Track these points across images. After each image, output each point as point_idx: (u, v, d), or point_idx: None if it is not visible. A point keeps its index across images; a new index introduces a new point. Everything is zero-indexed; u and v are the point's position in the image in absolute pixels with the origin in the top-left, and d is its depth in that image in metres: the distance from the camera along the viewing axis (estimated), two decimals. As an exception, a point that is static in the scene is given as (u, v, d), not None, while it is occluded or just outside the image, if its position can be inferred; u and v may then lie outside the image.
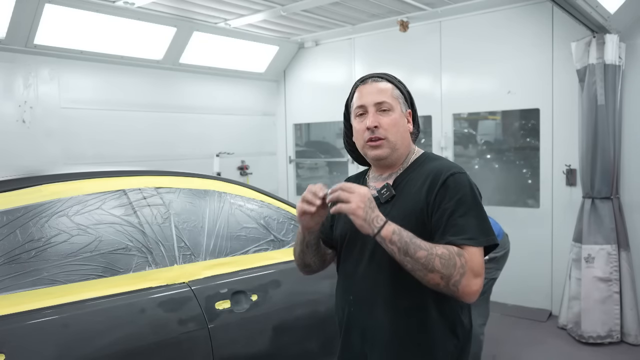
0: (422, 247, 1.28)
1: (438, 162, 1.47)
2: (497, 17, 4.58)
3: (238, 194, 2.56)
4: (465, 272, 1.28)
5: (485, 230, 1.34)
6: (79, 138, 4.44)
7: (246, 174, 5.88)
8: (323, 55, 5.87)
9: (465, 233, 1.32)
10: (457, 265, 1.27)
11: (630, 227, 3.95)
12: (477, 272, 1.30)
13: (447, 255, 1.28)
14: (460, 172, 1.40)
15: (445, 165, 1.44)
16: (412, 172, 1.47)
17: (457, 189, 1.36)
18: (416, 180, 1.43)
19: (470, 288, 1.29)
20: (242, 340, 2.18)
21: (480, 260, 1.31)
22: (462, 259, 1.28)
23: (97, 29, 4.27)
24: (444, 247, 1.30)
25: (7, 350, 1.59)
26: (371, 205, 1.30)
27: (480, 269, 1.31)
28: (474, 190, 1.38)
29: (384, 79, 1.52)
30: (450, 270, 1.27)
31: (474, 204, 1.36)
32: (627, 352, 3.71)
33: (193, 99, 5.36)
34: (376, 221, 1.29)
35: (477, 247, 1.32)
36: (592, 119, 3.84)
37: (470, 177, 1.45)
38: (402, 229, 1.31)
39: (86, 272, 1.87)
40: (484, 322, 3.07)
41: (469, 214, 1.34)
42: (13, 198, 1.86)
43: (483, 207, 1.39)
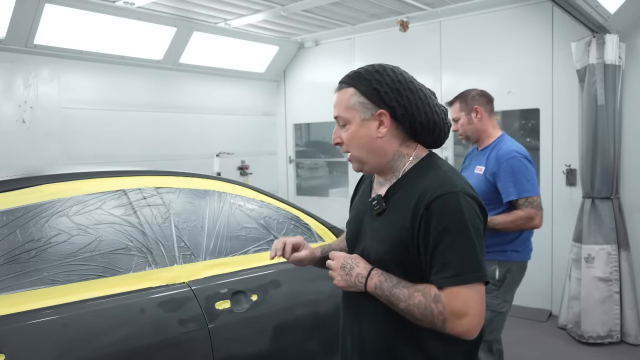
0: (401, 299, 1.24)
1: (432, 174, 1.29)
2: (497, 17, 4.58)
3: (238, 194, 2.56)
4: (446, 318, 1.19)
5: (472, 264, 1.19)
6: (79, 138, 4.44)
7: (246, 174, 5.88)
8: (323, 55, 5.87)
9: (447, 270, 1.19)
10: (434, 314, 1.20)
11: (630, 227, 3.95)
12: (461, 313, 1.18)
13: (424, 304, 1.21)
14: (450, 192, 1.22)
15: (436, 181, 1.26)
16: (407, 183, 1.32)
17: (443, 215, 1.20)
18: (409, 195, 1.27)
19: (456, 329, 1.20)
20: (242, 340, 2.18)
21: (466, 299, 1.18)
22: (438, 306, 1.19)
23: (97, 29, 4.27)
24: (422, 294, 1.21)
25: (7, 350, 1.59)
26: (349, 272, 1.32)
27: (465, 308, 1.18)
28: (463, 215, 1.20)
29: (345, 84, 1.35)
30: (429, 319, 1.21)
31: (462, 231, 1.20)
32: (627, 352, 3.71)
33: (193, 99, 5.36)
34: (358, 281, 1.30)
35: (462, 285, 1.19)
36: (592, 119, 3.84)
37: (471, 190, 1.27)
38: (385, 279, 1.27)
39: (86, 272, 1.87)
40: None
41: (454, 245, 1.19)
42: (13, 198, 1.86)
43: (475, 234, 1.21)
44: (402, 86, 1.31)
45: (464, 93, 2.64)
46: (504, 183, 2.43)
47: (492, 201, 2.47)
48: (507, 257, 2.52)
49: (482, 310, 1.21)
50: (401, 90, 1.30)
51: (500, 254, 2.51)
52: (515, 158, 2.44)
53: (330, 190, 6.37)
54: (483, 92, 2.64)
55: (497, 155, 2.49)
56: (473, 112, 2.58)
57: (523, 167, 2.43)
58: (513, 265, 2.53)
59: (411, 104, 1.30)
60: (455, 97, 2.66)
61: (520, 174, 2.42)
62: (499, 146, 2.53)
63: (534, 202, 2.41)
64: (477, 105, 2.58)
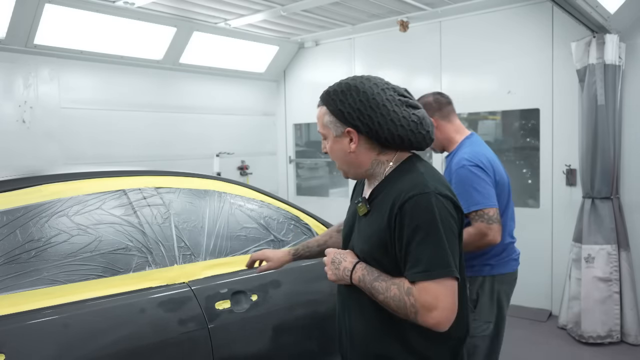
0: (380, 291, 1.33)
1: (408, 177, 1.36)
2: (497, 17, 4.59)
3: (238, 194, 2.56)
4: (417, 310, 1.27)
5: (440, 260, 1.26)
6: (79, 138, 4.44)
7: (246, 174, 5.88)
8: (323, 55, 5.87)
9: (417, 265, 1.27)
10: (407, 306, 1.28)
11: (630, 227, 3.95)
12: (431, 306, 1.25)
13: (398, 297, 1.29)
14: (422, 192, 1.30)
15: (410, 183, 1.33)
16: (388, 185, 1.40)
17: (415, 214, 1.28)
18: (388, 198, 1.36)
19: (427, 321, 1.27)
20: (242, 340, 2.18)
21: (436, 293, 1.25)
22: (410, 299, 1.27)
23: (97, 29, 4.27)
24: (397, 287, 1.30)
25: (7, 350, 1.59)
26: (338, 266, 1.44)
27: (434, 301, 1.25)
28: (434, 214, 1.27)
29: (320, 102, 1.46)
30: (403, 311, 1.29)
31: (432, 229, 1.27)
32: (627, 352, 3.71)
33: (193, 99, 5.36)
34: (345, 274, 1.42)
35: (431, 280, 1.26)
36: (592, 119, 3.84)
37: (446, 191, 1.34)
38: (367, 273, 1.37)
39: (86, 272, 1.87)
40: None
41: (425, 242, 1.27)
42: (13, 198, 1.86)
43: (444, 232, 1.27)
44: (363, 105, 1.37)
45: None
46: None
47: None
48: (477, 272, 2.22)
49: (453, 304, 1.28)
50: (362, 109, 1.37)
51: (469, 269, 2.15)
52: (465, 167, 2.15)
53: (330, 190, 6.37)
54: (434, 97, 2.37)
55: (451, 165, 2.25)
56: None
57: (472, 176, 2.13)
58: (486, 280, 2.21)
59: (373, 122, 1.37)
60: None
61: (469, 185, 2.12)
62: (457, 153, 2.28)
63: (484, 215, 2.09)
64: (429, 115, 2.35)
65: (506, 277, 2.26)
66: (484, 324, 2.21)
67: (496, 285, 2.22)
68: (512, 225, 2.35)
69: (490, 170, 2.19)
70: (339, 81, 1.46)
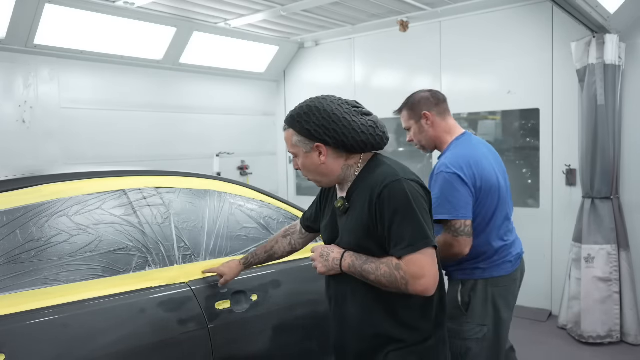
0: (370, 272, 1.51)
1: (379, 170, 1.57)
2: (497, 17, 4.59)
3: (238, 194, 2.56)
4: (407, 281, 1.46)
5: (421, 234, 1.46)
6: (79, 138, 4.44)
7: (246, 174, 5.88)
8: (323, 55, 5.87)
9: (402, 242, 1.47)
10: (397, 279, 1.47)
11: (630, 227, 3.95)
12: (419, 275, 1.45)
13: (389, 273, 1.48)
14: (394, 180, 1.50)
15: (382, 175, 1.53)
16: (361, 182, 1.59)
17: (391, 200, 1.48)
18: (364, 192, 1.55)
19: (417, 289, 1.47)
20: (242, 340, 2.18)
21: (421, 263, 1.45)
22: (400, 272, 1.46)
23: (97, 29, 4.27)
24: (386, 265, 1.49)
25: (7, 350, 1.59)
26: (327, 257, 1.61)
27: (421, 270, 1.45)
28: (407, 197, 1.48)
29: (286, 126, 1.64)
30: (395, 284, 1.48)
31: (408, 210, 1.47)
32: (627, 352, 3.71)
33: (193, 99, 5.36)
34: (335, 264, 1.59)
35: (415, 252, 1.45)
36: (592, 119, 3.84)
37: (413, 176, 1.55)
38: (356, 258, 1.55)
39: (86, 272, 1.87)
40: None
41: (404, 222, 1.47)
42: (13, 198, 1.86)
43: (418, 210, 1.47)
44: (326, 121, 1.56)
45: (410, 99, 2.30)
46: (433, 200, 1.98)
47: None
48: (469, 275, 2.16)
49: (436, 270, 1.50)
50: (327, 125, 1.56)
51: (461, 272, 2.17)
52: (442, 173, 2.08)
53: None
54: (431, 92, 2.29)
55: (434, 168, 2.17)
56: (422, 118, 2.24)
57: (447, 185, 2.05)
58: (478, 283, 2.14)
59: (338, 134, 1.56)
60: (402, 105, 2.32)
61: (443, 192, 2.05)
62: (443, 156, 2.21)
63: (452, 226, 2.03)
64: (424, 110, 2.23)
65: (501, 280, 2.18)
66: (477, 327, 2.14)
67: (490, 288, 2.15)
68: (508, 227, 2.24)
69: (471, 177, 2.09)
70: (299, 105, 1.63)
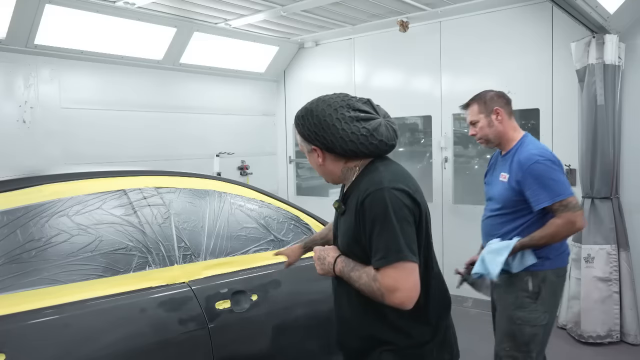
0: (355, 280, 1.53)
1: (369, 177, 1.56)
2: (497, 17, 4.59)
3: (238, 194, 2.56)
4: (383, 293, 1.45)
5: (395, 247, 1.43)
6: (79, 138, 4.45)
7: (246, 174, 5.88)
8: (323, 55, 5.87)
9: (377, 254, 1.46)
10: (374, 290, 1.47)
11: (630, 227, 3.95)
12: (393, 288, 1.43)
13: (367, 283, 1.48)
14: (377, 188, 1.48)
15: (368, 182, 1.53)
16: (355, 187, 1.59)
17: (371, 209, 1.47)
18: (354, 197, 1.57)
19: (393, 302, 1.45)
20: (242, 340, 2.18)
21: (395, 276, 1.43)
22: (376, 284, 1.46)
23: (97, 29, 4.27)
24: (366, 275, 1.49)
25: (8, 350, 1.59)
26: (323, 262, 1.65)
27: (395, 283, 1.43)
28: (386, 206, 1.45)
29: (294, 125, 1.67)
30: (373, 295, 1.48)
31: (385, 221, 1.45)
32: (627, 352, 3.71)
33: (193, 99, 5.37)
34: (329, 268, 1.63)
35: (388, 265, 1.43)
36: (591, 119, 3.84)
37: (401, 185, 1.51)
38: (345, 264, 1.57)
39: (86, 272, 1.87)
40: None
41: (381, 232, 1.45)
42: (13, 198, 1.86)
43: (397, 221, 1.44)
44: (317, 127, 1.57)
45: (482, 94, 2.47)
46: (532, 190, 2.25)
47: (521, 209, 2.32)
48: (540, 266, 2.32)
49: (413, 284, 1.45)
50: (317, 131, 1.57)
51: (531, 265, 2.32)
52: (539, 162, 2.26)
53: (330, 190, 6.36)
54: (502, 93, 2.48)
55: (520, 161, 2.32)
56: (493, 113, 2.40)
57: (548, 169, 2.25)
58: (548, 274, 2.32)
59: (327, 140, 1.56)
60: (472, 99, 2.49)
61: (547, 177, 2.24)
62: (521, 150, 2.37)
63: (569, 204, 2.21)
64: (497, 106, 2.41)
65: (562, 270, 2.39)
66: (542, 314, 2.33)
67: (555, 278, 2.35)
68: None
69: (559, 163, 2.33)
70: (303, 105, 1.65)
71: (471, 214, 4.80)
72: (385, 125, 1.58)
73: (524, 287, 2.33)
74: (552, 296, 2.36)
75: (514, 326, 2.34)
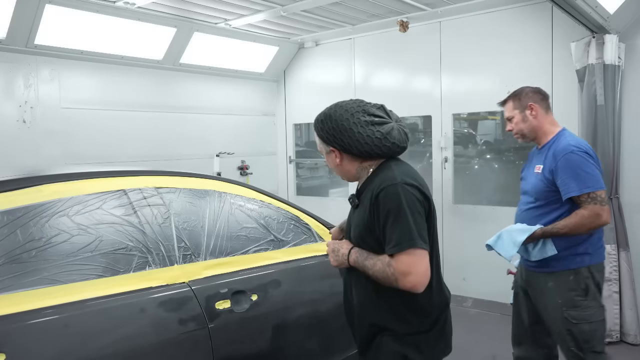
0: (369, 267, 1.67)
1: (382, 174, 1.71)
2: (497, 17, 4.59)
3: (238, 194, 2.56)
4: (397, 277, 1.59)
5: (408, 235, 1.58)
6: (79, 138, 4.45)
7: (246, 174, 5.88)
8: (323, 55, 5.88)
9: (391, 242, 1.60)
10: (388, 275, 1.60)
11: (630, 227, 3.95)
12: (406, 273, 1.58)
13: (382, 269, 1.62)
14: (390, 183, 1.64)
15: (383, 179, 1.68)
16: (369, 183, 1.75)
17: (385, 202, 1.62)
18: (367, 193, 1.72)
19: (406, 285, 1.59)
20: (242, 340, 2.18)
21: (408, 261, 1.58)
22: (390, 269, 1.60)
23: (97, 29, 4.27)
24: (380, 262, 1.63)
25: (8, 350, 1.60)
26: (337, 252, 1.80)
27: (408, 268, 1.58)
28: (400, 200, 1.60)
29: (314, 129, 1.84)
30: (387, 280, 1.62)
31: (399, 212, 1.60)
32: (627, 352, 3.71)
33: (193, 99, 5.37)
34: (343, 259, 1.77)
35: (402, 252, 1.58)
36: (591, 119, 3.84)
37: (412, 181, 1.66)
38: (359, 254, 1.72)
39: (86, 272, 1.87)
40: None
41: (395, 223, 1.60)
42: (13, 198, 1.86)
43: (410, 212, 1.59)
44: (336, 131, 1.73)
45: (517, 91, 2.54)
46: (562, 179, 2.28)
47: (553, 200, 2.35)
48: (580, 262, 2.34)
49: (424, 269, 1.60)
50: (336, 134, 1.73)
51: (572, 261, 2.34)
52: (574, 152, 2.28)
53: (330, 190, 6.37)
54: (538, 89, 2.53)
55: (555, 151, 2.36)
56: (527, 109, 2.47)
57: (583, 160, 2.27)
58: (591, 269, 2.34)
59: (344, 142, 1.73)
60: (508, 96, 2.56)
61: (580, 168, 2.26)
62: (557, 142, 2.41)
63: (597, 197, 2.24)
64: (531, 102, 2.47)
65: (601, 266, 2.41)
66: (598, 309, 2.36)
67: (597, 273, 2.37)
68: None
69: (596, 157, 2.35)
70: (323, 110, 1.82)
71: (471, 214, 4.81)
72: (398, 129, 1.74)
73: (572, 286, 2.34)
74: (600, 291, 2.38)
75: (572, 326, 2.34)
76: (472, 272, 4.74)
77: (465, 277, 4.79)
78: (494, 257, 2.55)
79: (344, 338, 2.64)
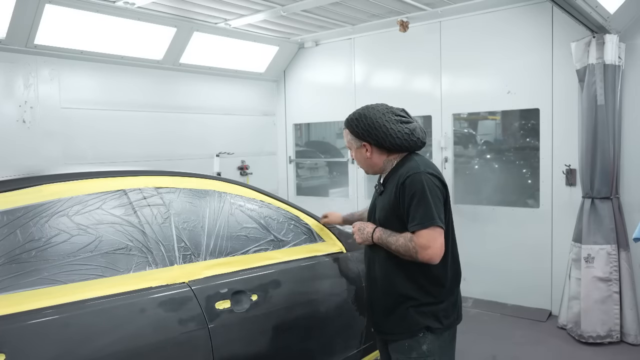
0: (392, 243, 1.96)
1: (407, 164, 2.01)
2: (497, 17, 4.59)
3: (238, 194, 2.56)
4: (417, 250, 1.87)
5: (429, 215, 1.87)
6: (79, 138, 4.45)
7: (246, 174, 5.88)
8: (323, 55, 5.87)
9: (414, 220, 1.89)
10: (410, 248, 1.89)
11: (630, 227, 3.95)
12: (426, 246, 1.86)
13: (404, 244, 1.91)
14: (415, 172, 1.93)
15: (407, 168, 1.98)
16: (394, 173, 2.04)
17: (411, 187, 1.91)
18: (394, 180, 2.00)
19: (424, 257, 1.87)
20: (242, 340, 2.18)
21: (428, 237, 1.86)
22: (412, 243, 1.89)
23: (97, 29, 4.27)
24: (403, 238, 1.92)
25: (8, 350, 1.59)
26: (363, 231, 2.09)
27: (427, 242, 1.86)
28: (423, 185, 1.89)
29: (345, 126, 2.14)
30: (409, 253, 1.90)
31: (422, 196, 1.89)
32: (627, 352, 3.72)
33: (193, 99, 5.37)
34: (368, 236, 2.07)
35: (424, 229, 1.86)
36: (591, 119, 3.84)
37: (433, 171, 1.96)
38: (383, 232, 2.01)
39: (86, 272, 1.87)
40: None
41: (418, 205, 1.89)
42: (13, 198, 1.86)
43: (431, 197, 1.88)
44: (370, 127, 2.03)
45: None
46: None
47: None
48: None
49: (440, 243, 1.89)
50: (371, 130, 2.03)
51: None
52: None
53: (330, 190, 6.37)
54: None
55: None
56: None
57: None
58: None
59: (378, 137, 2.03)
60: None
61: None
62: None
63: None
64: None
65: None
66: None
67: None
68: None
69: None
70: (355, 110, 2.11)
71: (471, 214, 4.80)
72: (420, 128, 2.07)
73: None
74: None
75: None
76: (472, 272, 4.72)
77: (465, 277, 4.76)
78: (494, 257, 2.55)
79: (344, 338, 2.64)
